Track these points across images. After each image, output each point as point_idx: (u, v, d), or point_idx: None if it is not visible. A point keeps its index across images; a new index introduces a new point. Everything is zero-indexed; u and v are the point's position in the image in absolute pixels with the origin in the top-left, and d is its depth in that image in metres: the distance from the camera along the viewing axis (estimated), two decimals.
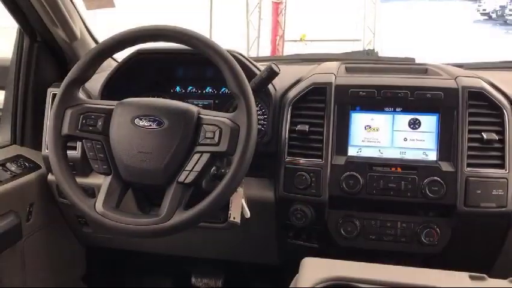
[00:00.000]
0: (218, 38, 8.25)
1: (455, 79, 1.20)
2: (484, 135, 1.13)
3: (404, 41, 10.35)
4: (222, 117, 1.03)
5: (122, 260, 1.78)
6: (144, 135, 1.03)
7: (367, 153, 1.20)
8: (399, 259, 1.12)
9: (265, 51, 9.44)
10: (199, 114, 1.05)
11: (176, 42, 1.07)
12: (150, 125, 1.04)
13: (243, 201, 1.17)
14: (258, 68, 1.28)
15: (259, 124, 1.35)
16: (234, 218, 1.17)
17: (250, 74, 1.22)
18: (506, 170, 1.13)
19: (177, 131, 1.02)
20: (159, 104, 1.07)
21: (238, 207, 1.16)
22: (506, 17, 12.83)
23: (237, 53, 1.28)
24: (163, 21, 1.09)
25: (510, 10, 12.70)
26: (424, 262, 1.17)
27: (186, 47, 1.06)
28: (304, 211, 1.19)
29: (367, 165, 1.17)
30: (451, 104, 1.16)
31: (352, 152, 1.20)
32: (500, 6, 13.16)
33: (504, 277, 0.85)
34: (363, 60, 1.65)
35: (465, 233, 1.17)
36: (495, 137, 1.13)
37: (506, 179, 1.12)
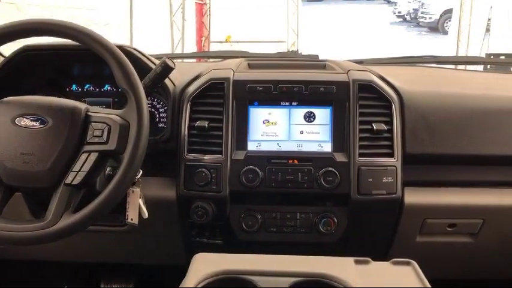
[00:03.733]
0: (141, 39, 8.07)
1: (347, 73, 1.24)
2: (374, 126, 1.18)
3: (326, 42, 10.71)
4: (110, 114, 1.00)
5: (22, 271, 1.67)
6: (26, 135, 0.97)
7: (266, 147, 1.21)
8: (300, 249, 1.15)
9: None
10: (87, 111, 1.01)
11: (60, 37, 1.03)
12: (33, 125, 0.98)
13: (141, 201, 1.13)
14: (154, 63, 1.25)
15: (161, 122, 1.32)
16: (131, 219, 1.13)
17: (145, 69, 1.20)
18: (395, 159, 1.18)
19: (63, 130, 0.97)
20: (42, 102, 1.01)
21: (136, 208, 1.13)
22: (419, 20, 13.70)
23: (131, 47, 1.24)
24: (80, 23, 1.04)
25: (422, 13, 13.58)
26: (324, 251, 1.20)
27: (77, 43, 1.02)
28: (205, 208, 1.18)
29: (266, 158, 1.18)
30: (342, 97, 1.20)
31: (251, 146, 1.21)
32: (413, 9, 14.03)
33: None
34: (267, 57, 1.67)
35: (360, 221, 1.21)
36: (384, 127, 1.18)
37: (395, 166, 1.18)
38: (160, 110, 1.33)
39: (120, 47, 1.13)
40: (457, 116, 1.25)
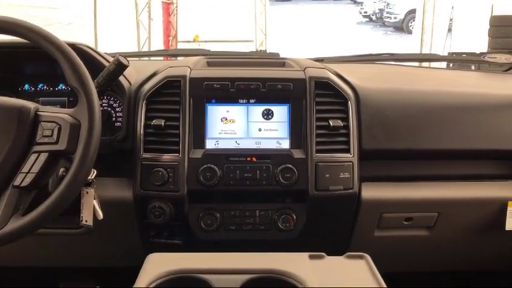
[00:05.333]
0: (106, 39, 7.93)
1: (304, 70, 1.25)
2: (331, 123, 1.19)
3: (294, 41, 10.81)
4: (61, 113, 0.98)
5: None
6: None
7: (224, 145, 1.20)
8: (260, 247, 1.15)
9: None
10: (36, 111, 0.98)
11: (7, 34, 1.00)
12: None
13: (95, 202, 1.11)
14: (109, 61, 1.23)
15: (117, 121, 1.30)
16: (86, 221, 1.11)
17: (99, 67, 1.17)
18: (351, 154, 1.20)
19: (10, 130, 0.94)
20: None
21: (90, 209, 1.10)
22: (384, 19, 14.00)
23: (84, 45, 1.22)
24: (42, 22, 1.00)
25: (387, 13, 13.88)
26: (284, 248, 1.20)
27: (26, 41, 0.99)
28: (162, 208, 1.16)
29: (224, 156, 1.18)
30: (300, 94, 1.20)
31: (209, 144, 1.20)
32: (379, 9, 14.32)
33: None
34: (228, 55, 1.66)
35: (319, 216, 1.22)
36: (341, 123, 1.19)
37: (352, 162, 1.19)
38: (117, 109, 1.31)
39: (72, 45, 1.11)
40: (412, 111, 1.27)
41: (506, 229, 1.28)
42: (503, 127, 1.30)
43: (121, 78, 1.20)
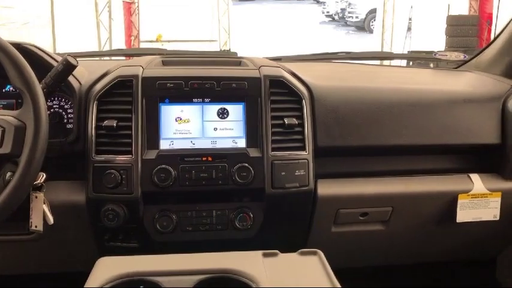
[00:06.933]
0: (66, 39, 7.72)
1: (258, 69, 1.25)
2: (286, 121, 1.19)
3: (258, 41, 10.86)
4: (4, 116, 0.94)
5: None
6: None
7: (179, 145, 1.18)
8: (218, 247, 1.14)
9: None
10: None
11: None
12: None
13: (45, 207, 1.08)
14: (57, 61, 1.19)
15: (69, 123, 1.26)
16: (36, 227, 1.07)
17: (47, 67, 1.14)
18: (306, 152, 1.21)
19: None
20: None
21: (40, 214, 1.07)
22: (346, 19, 14.27)
23: (30, 44, 1.18)
24: None
25: (349, 13, 14.16)
26: (242, 247, 1.20)
27: None
28: (115, 211, 1.13)
29: (179, 157, 1.16)
30: (254, 93, 1.20)
31: (164, 145, 1.18)
32: (341, 9, 14.59)
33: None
34: (184, 54, 1.65)
35: (276, 214, 1.22)
36: (295, 122, 1.20)
37: (307, 159, 1.20)
38: (69, 111, 1.27)
39: (18, 45, 1.07)
40: (365, 108, 1.29)
41: (457, 221, 1.32)
42: (454, 122, 1.34)
43: (71, 78, 1.17)
